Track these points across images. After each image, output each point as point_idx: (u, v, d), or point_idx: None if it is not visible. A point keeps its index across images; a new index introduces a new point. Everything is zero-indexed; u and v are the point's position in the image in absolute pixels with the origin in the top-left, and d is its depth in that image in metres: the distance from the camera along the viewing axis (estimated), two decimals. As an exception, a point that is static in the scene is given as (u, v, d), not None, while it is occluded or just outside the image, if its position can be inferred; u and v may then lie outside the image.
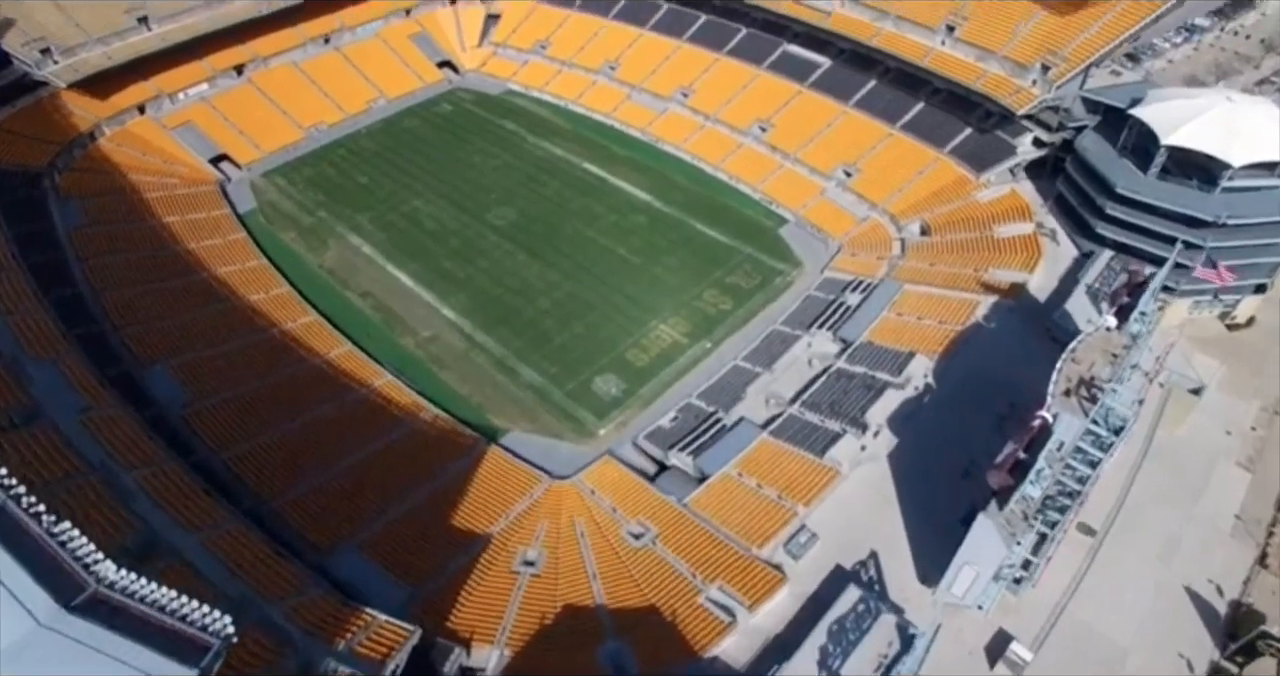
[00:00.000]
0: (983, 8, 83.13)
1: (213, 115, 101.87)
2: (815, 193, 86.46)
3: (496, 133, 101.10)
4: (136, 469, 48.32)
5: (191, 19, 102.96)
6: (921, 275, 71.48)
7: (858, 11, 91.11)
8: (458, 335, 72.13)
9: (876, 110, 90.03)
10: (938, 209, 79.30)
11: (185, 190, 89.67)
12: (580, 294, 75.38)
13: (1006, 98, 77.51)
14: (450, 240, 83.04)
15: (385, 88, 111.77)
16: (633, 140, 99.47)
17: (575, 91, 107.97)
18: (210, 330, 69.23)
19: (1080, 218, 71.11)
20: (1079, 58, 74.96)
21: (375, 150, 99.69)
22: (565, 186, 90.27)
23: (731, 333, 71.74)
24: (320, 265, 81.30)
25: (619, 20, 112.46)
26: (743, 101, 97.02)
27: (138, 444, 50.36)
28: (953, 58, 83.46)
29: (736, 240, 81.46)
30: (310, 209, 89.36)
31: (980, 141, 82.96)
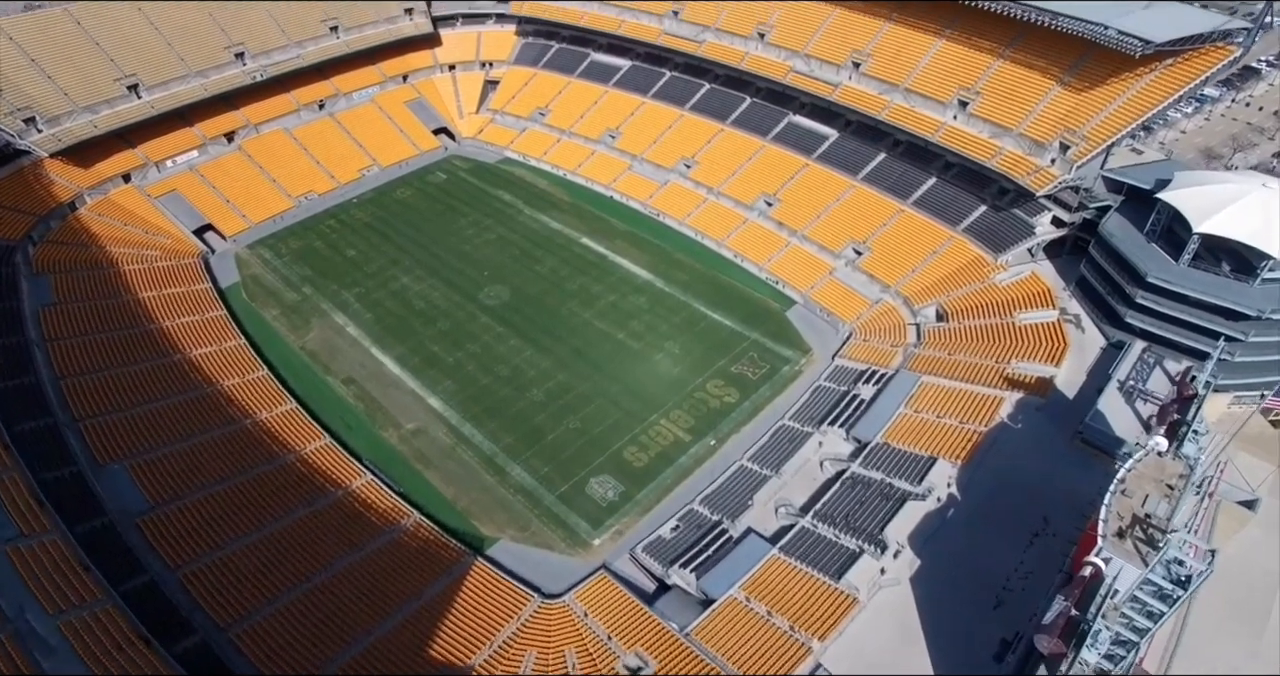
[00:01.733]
0: (996, 83, 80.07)
1: (200, 183, 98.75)
2: (824, 272, 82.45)
3: (492, 204, 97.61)
4: (64, 613, 42.97)
5: (183, 87, 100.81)
6: (940, 366, 66.95)
7: (865, 84, 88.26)
8: (444, 428, 67.35)
9: (887, 185, 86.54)
10: (954, 292, 75.15)
11: (166, 262, 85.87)
12: (575, 384, 70.77)
13: (1025, 177, 73.93)
14: (439, 321, 78.77)
15: (379, 155, 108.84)
16: (633, 213, 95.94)
17: (574, 161, 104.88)
18: (179, 421, 64.55)
19: (1107, 304, 66.95)
20: (1099, 137, 71.43)
21: (366, 221, 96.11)
22: (562, 263, 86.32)
23: (737, 428, 66.98)
24: (302, 346, 76.92)
25: (621, 88, 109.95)
26: (747, 174, 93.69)
27: (70, 579, 44.96)
28: (966, 134, 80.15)
29: (742, 324, 77.17)
30: (295, 284, 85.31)
31: (996, 219, 79.23)
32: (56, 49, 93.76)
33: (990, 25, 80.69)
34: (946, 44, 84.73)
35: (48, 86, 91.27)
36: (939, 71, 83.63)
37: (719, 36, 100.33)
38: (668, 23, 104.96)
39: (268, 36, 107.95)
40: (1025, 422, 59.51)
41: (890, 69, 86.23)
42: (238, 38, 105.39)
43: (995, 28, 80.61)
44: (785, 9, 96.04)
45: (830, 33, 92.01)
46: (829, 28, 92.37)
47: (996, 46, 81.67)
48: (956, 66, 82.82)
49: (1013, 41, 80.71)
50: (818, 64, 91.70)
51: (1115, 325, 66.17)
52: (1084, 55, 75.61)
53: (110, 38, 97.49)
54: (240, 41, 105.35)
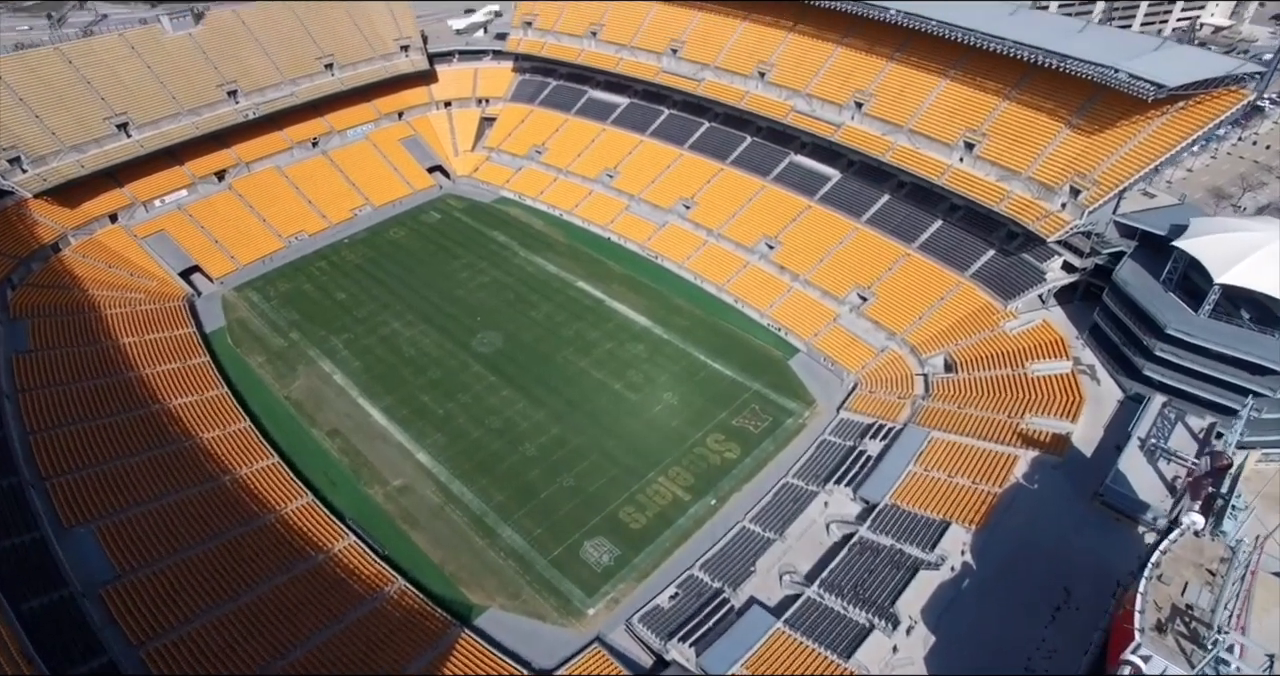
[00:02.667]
0: (1003, 125, 78.04)
1: (188, 223, 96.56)
2: (828, 319, 79.84)
3: (486, 246, 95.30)
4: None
5: (174, 125, 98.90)
6: (950, 420, 64.09)
7: (868, 124, 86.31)
8: (432, 485, 64.32)
9: (891, 228, 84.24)
10: (963, 341, 72.48)
11: (150, 306, 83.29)
12: (570, 438, 67.85)
13: (1035, 223, 71.65)
14: (430, 370, 76.00)
15: (372, 194, 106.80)
16: (631, 256, 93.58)
17: (571, 201, 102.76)
18: (153, 478, 61.47)
19: (1123, 355, 64.34)
20: (1111, 181, 69.19)
21: (357, 263, 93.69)
22: (557, 308, 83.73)
23: (738, 486, 63.98)
24: (287, 396, 74.08)
25: (619, 126, 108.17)
26: (748, 216, 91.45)
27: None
28: (972, 177, 77.99)
29: (743, 374, 74.42)
30: (282, 329, 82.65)
31: (1005, 264, 76.81)
32: (46, 89, 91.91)
33: (995, 66, 78.91)
34: (951, 84, 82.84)
35: (35, 126, 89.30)
36: (944, 112, 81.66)
37: (719, 75, 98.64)
38: (666, 61, 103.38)
39: (261, 74, 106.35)
40: (1042, 483, 56.62)
41: (894, 109, 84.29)
42: (231, 75, 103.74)
43: (1000, 68, 78.83)
44: (786, 48, 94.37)
45: (832, 72, 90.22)
46: (831, 67, 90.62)
47: (1002, 87, 79.77)
48: (962, 107, 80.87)
49: (1019, 82, 78.78)
50: (819, 103, 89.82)
51: (1132, 377, 63.48)
52: (1093, 97, 73.61)
53: (102, 76, 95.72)
54: (233, 79, 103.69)
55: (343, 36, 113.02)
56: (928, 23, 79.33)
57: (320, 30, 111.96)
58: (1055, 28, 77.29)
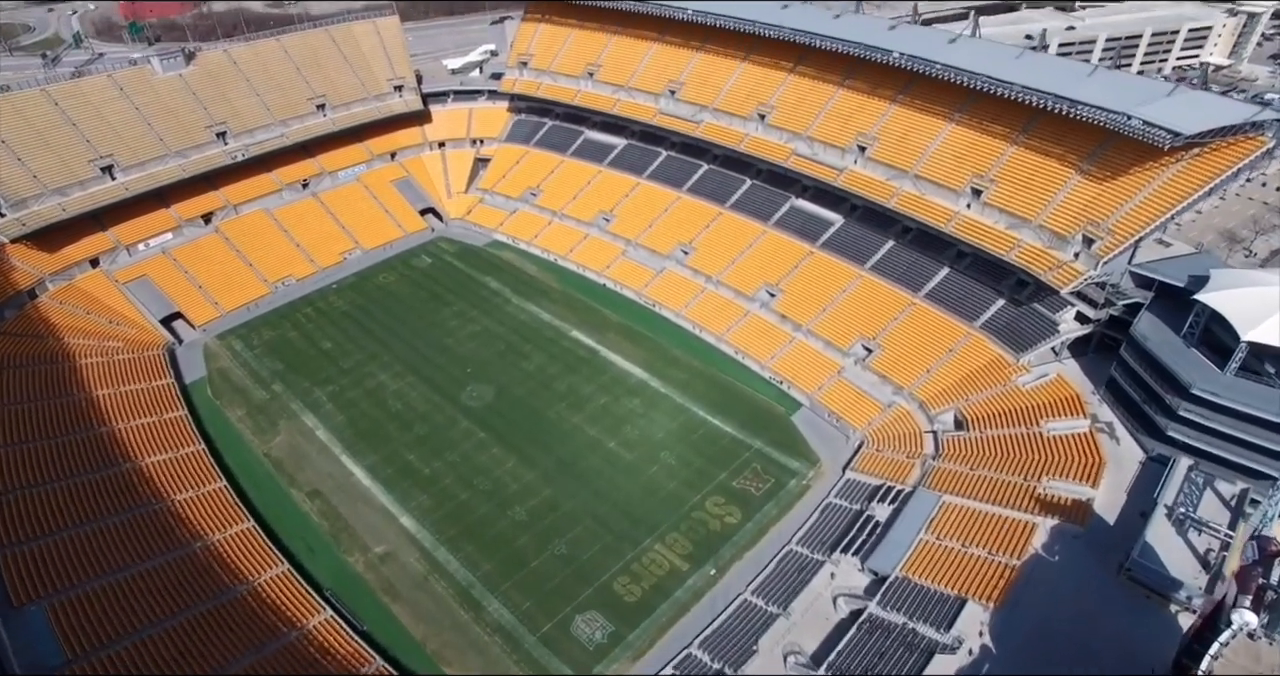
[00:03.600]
0: (1011, 170, 75.52)
1: (172, 268, 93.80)
2: (832, 371, 76.68)
3: (478, 292, 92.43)
4: None
5: (161, 167, 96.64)
6: (962, 483, 60.70)
7: (872, 168, 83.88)
8: (416, 553, 60.74)
9: (896, 275, 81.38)
10: (974, 396, 69.30)
11: (127, 355, 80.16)
12: (562, 501, 64.39)
13: (1047, 273, 68.81)
14: (417, 426, 72.70)
15: (362, 237, 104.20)
16: (627, 303, 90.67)
17: (566, 245, 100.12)
18: (118, 546, 57.78)
19: (1144, 413, 61.16)
20: (1125, 231, 66.42)
21: (345, 309, 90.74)
22: (550, 359, 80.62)
23: (739, 553, 60.43)
24: (267, 452, 70.71)
25: (615, 168, 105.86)
26: (748, 262, 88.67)
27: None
28: (981, 225, 75.31)
29: (744, 431, 71.12)
30: (265, 380, 79.46)
31: (1016, 314, 73.87)
32: (30, 130, 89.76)
33: (1001, 110, 76.66)
34: (956, 128, 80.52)
35: (17, 168, 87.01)
36: (949, 157, 79.24)
37: (717, 117, 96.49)
38: (664, 102, 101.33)
39: (251, 115, 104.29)
40: (1063, 554, 53.16)
41: (898, 153, 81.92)
42: (220, 116, 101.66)
43: (1006, 112, 76.54)
44: (786, 89, 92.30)
45: (833, 115, 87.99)
46: (832, 109, 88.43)
47: (1009, 132, 77.39)
48: (968, 152, 78.46)
49: (1026, 126, 76.43)
50: (821, 146, 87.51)
51: (1154, 437, 60.32)
52: (1103, 143, 71.17)
53: (88, 118, 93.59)
54: (223, 120, 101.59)
55: (335, 76, 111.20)
56: (932, 66, 77.20)
57: (312, 70, 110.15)
58: (1063, 71, 75.13)
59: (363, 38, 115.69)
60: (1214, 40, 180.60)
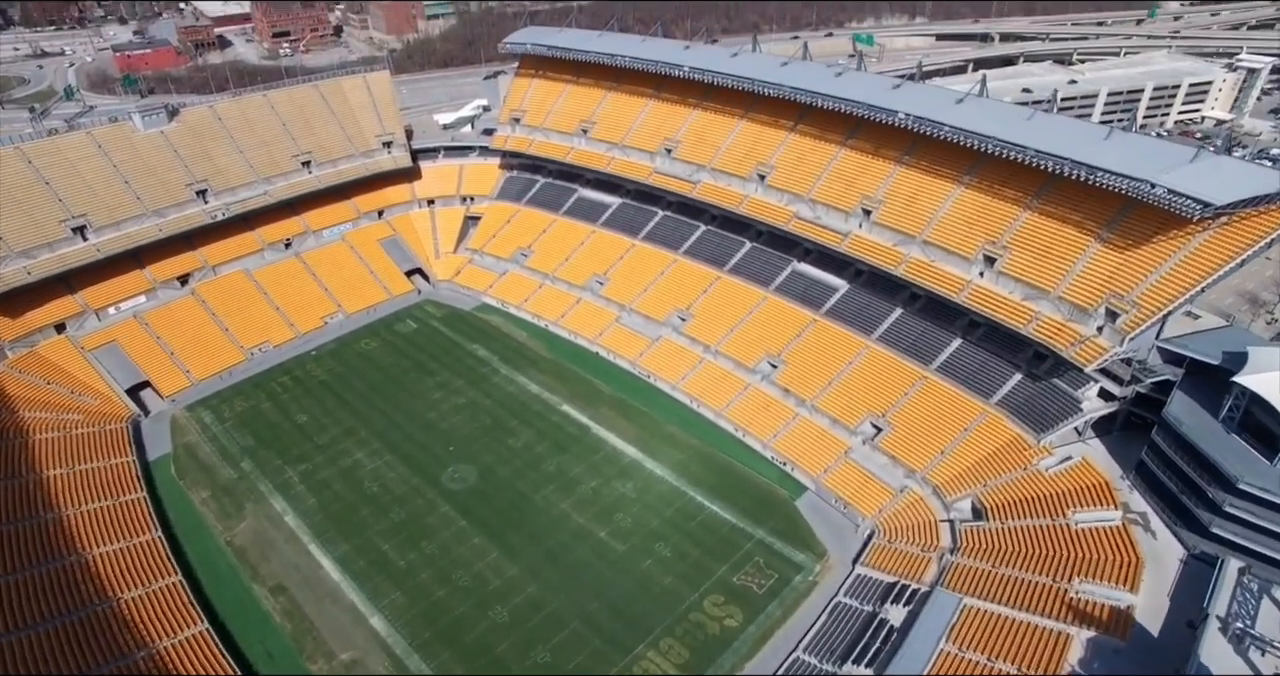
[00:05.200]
0: (1026, 237, 71.48)
1: (143, 333, 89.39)
2: (838, 452, 71.80)
3: (464, 361, 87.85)
4: None
5: (136, 227, 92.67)
6: (985, 583, 55.49)
7: (878, 233, 79.93)
8: (385, 660, 55.26)
9: (906, 346, 76.92)
10: (992, 481, 64.38)
11: (87, 429, 75.31)
12: (547, 600, 59.04)
13: (1069, 349, 64.33)
14: (393, 511, 67.57)
15: (346, 300, 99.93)
16: (621, 374, 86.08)
17: (557, 310, 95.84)
18: (51, 656, 52.19)
19: (1182, 505, 56.15)
20: (1152, 305, 62.07)
21: (323, 379, 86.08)
22: (538, 437, 75.71)
23: (741, 663, 54.98)
24: (230, 540, 65.48)
25: (609, 228, 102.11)
26: (748, 330, 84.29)
27: None
28: (996, 295, 71.02)
29: (746, 519, 66.08)
30: (234, 457, 74.49)
31: (1034, 391, 69.23)
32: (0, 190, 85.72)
33: (1012, 173, 72.99)
34: (965, 192, 76.74)
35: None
36: (960, 222, 75.31)
37: (715, 177, 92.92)
38: (660, 161, 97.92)
39: (234, 173, 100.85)
40: (1104, 673, 47.59)
41: (905, 218, 78.03)
42: (202, 174, 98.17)
43: (1018, 175, 72.80)
44: (786, 149, 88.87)
45: (836, 176, 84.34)
46: (835, 170, 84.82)
47: (1022, 196, 73.53)
48: (979, 217, 74.54)
49: (1040, 191, 72.58)
50: (824, 209, 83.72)
51: (1196, 532, 55.36)
52: (1123, 209, 67.27)
53: (62, 177, 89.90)
54: (204, 178, 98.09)
55: (322, 132, 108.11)
56: (940, 128, 73.72)
57: (299, 126, 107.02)
58: (1077, 134, 71.31)
59: (352, 92, 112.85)
60: (1214, 95, 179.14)
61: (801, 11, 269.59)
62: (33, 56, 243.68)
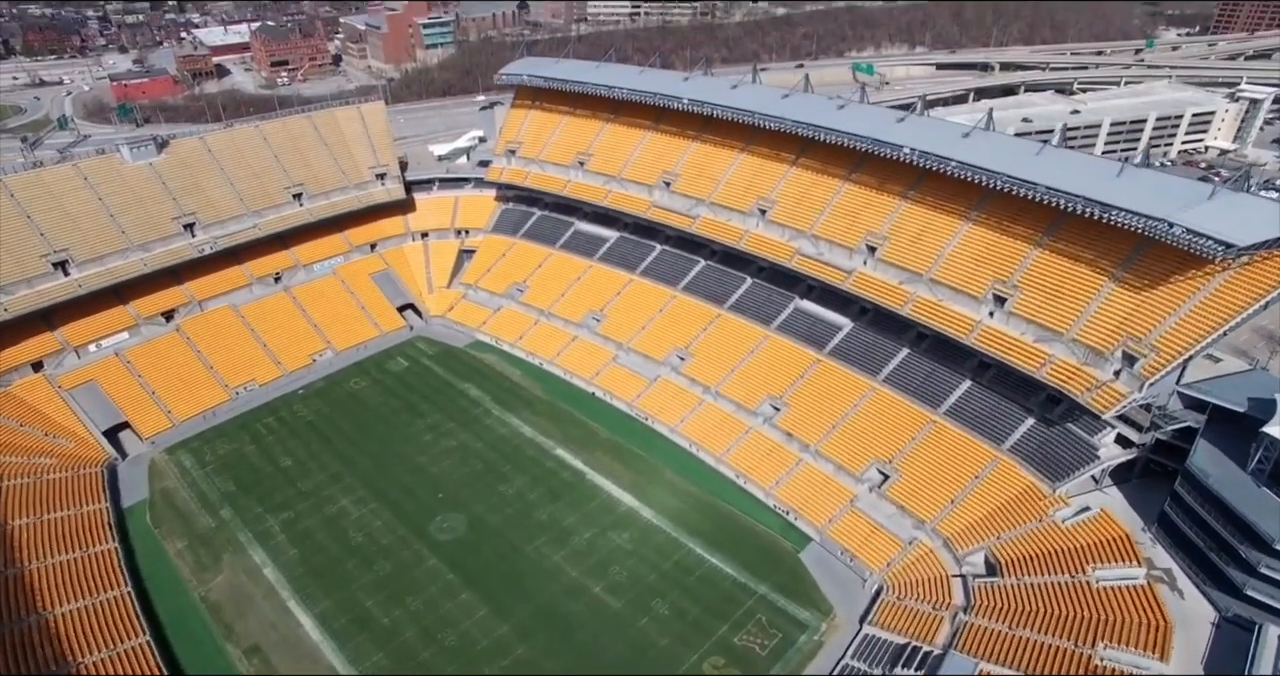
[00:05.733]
0: (1036, 276, 68.92)
1: (124, 372, 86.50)
2: (844, 501, 68.73)
3: (456, 401, 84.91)
4: None
5: (121, 262, 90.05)
6: (1002, 647, 52.27)
7: (883, 271, 77.44)
8: (364, 730, 51.60)
9: (913, 388, 74.13)
10: (1006, 533, 61.34)
11: (59, 474, 72.26)
12: (537, 662, 55.86)
13: (1085, 395, 61.56)
14: (378, 563, 64.37)
15: (335, 337, 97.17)
16: (617, 416, 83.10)
17: (553, 348, 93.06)
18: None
19: (1211, 564, 53.18)
20: (1172, 349, 59.30)
21: (310, 419, 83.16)
22: (532, 483, 72.66)
23: (744, 734, 51.26)
24: (204, 596, 62.23)
25: (607, 263, 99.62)
26: (750, 370, 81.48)
27: None
28: (1007, 336, 68.33)
29: (747, 573, 62.87)
30: (213, 505, 71.40)
31: (1048, 436, 66.33)
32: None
33: (1021, 209, 70.65)
34: (973, 228, 74.34)
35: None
36: (968, 260, 72.81)
37: (715, 211, 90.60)
38: (658, 194, 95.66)
39: (223, 205, 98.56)
40: (1135, 754, 44.29)
41: (911, 255, 75.56)
42: (190, 207, 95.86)
43: (1027, 212, 70.41)
44: (788, 183, 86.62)
45: (840, 211, 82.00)
46: (838, 205, 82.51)
47: (1032, 233, 71.12)
48: (988, 255, 72.06)
49: (1050, 228, 70.16)
50: (827, 246, 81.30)
51: (1228, 592, 52.36)
52: (1138, 247, 64.76)
53: (45, 210, 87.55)
54: (192, 211, 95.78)
55: (315, 164, 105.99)
56: (946, 163, 71.54)
57: (291, 157, 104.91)
58: (1089, 170, 68.77)
59: (345, 123, 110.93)
60: (1217, 125, 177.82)
61: (801, 41, 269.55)
62: (31, 86, 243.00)
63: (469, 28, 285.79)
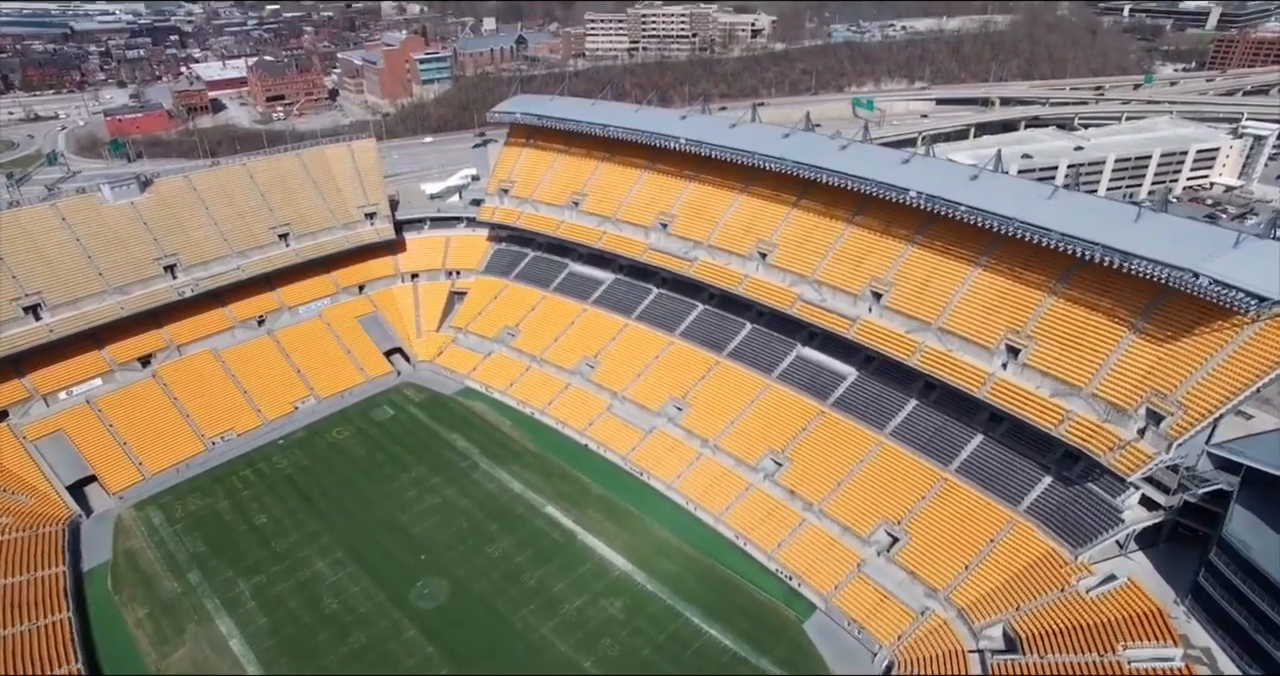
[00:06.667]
0: (1051, 326, 65.34)
1: (94, 421, 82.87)
2: (850, 565, 64.63)
3: (442, 453, 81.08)
4: None
5: (95, 306, 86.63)
6: (1026, 737, 47.71)
7: (890, 319, 73.95)
8: None
9: (922, 442, 70.34)
10: (1026, 604, 57.20)
11: (17, 534, 68.37)
12: (521, 751, 51.19)
13: (1108, 455, 57.70)
14: (354, 633, 60.20)
15: (319, 383, 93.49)
16: (611, 470, 79.24)
17: (545, 396, 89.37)
18: None
19: (1254, 643, 49.07)
20: (1200, 407, 55.49)
21: (289, 472, 79.37)
22: (520, 545, 68.62)
23: None
24: (162, 673, 57.52)
25: (601, 307, 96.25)
26: (750, 422, 77.76)
27: None
28: (1021, 390, 64.64)
29: (748, 646, 58.75)
30: (180, 567, 67.34)
31: (1067, 496, 62.43)
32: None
33: (1033, 254, 67.22)
34: (983, 274, 70.96)
35: (-74, 315, 76.89)
36: (978, 308, 69.34)
37: (713, 254, 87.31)
38: (654, 236, 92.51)
39: (207, 246, 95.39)
40: None
41: (918, 302, 72.16)
42: (172, 248, 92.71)
43: (1040, 258, 66.94)
44: (789, 226, 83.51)
45: (843, 255, 78.76)
46: (841, 249, 79.31)
47: (1045, 280, 67.60)
48: (999, 303, 68.60)
49: (1064, 275, 66.71)
50: (830, 292, 77.90)
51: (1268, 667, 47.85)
52: (1159, 296, 61.15)
53: (18, 252, 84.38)
54: (174, 252, 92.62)
55: (303, 203, 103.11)
56: (956, 208, 68.45)
57: (279, 196, 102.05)
58: (1105, 214, 65.47)
59: (335, 161, 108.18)
60: (1222, 161, 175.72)
61: (800, 76, 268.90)
62: (26, 121, 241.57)
63: (466, 63, 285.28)
